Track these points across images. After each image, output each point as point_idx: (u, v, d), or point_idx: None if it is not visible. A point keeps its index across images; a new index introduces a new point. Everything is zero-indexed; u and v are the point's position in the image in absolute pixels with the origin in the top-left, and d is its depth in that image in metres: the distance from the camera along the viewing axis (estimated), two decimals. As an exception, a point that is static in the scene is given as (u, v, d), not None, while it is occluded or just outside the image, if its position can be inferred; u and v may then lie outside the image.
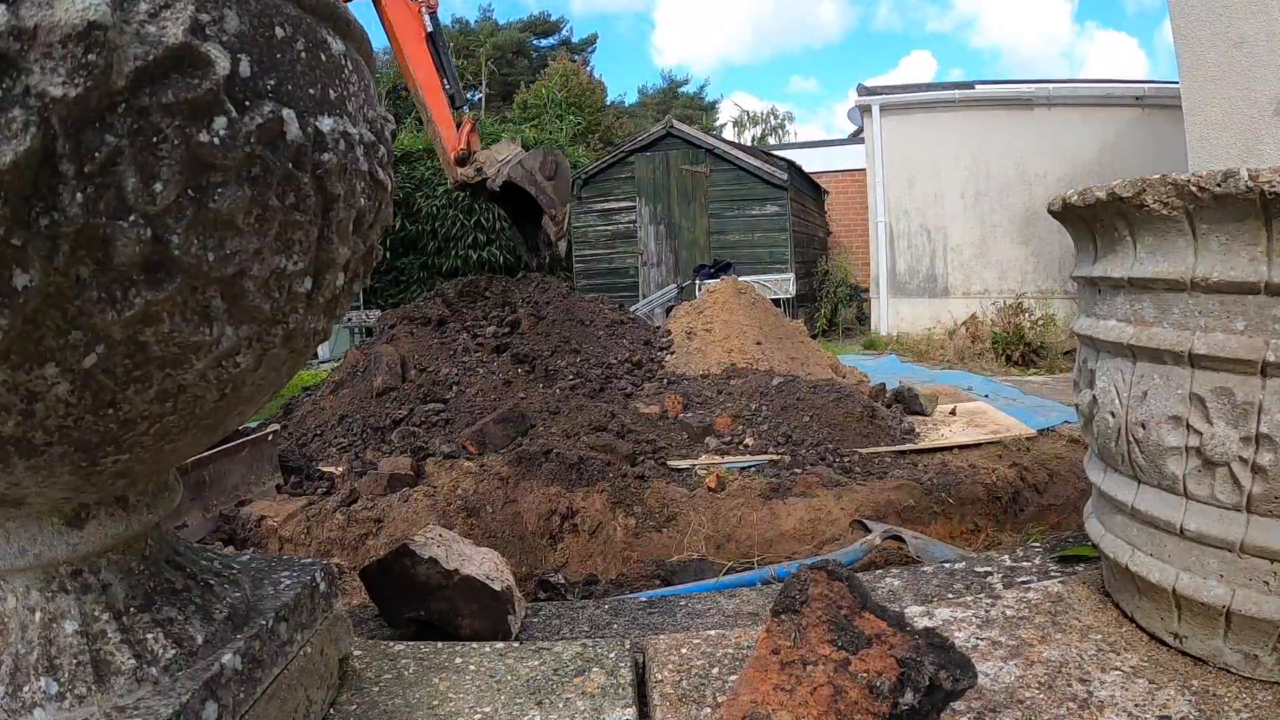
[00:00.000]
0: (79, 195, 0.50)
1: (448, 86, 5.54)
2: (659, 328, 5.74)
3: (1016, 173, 7.98)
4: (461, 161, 5.55)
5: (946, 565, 1.65)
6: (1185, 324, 0.98)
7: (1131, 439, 1.06)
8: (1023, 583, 1.44)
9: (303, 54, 0.64)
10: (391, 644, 1.20)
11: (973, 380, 5.47)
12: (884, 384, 4.62)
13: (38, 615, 0.73)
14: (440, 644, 1.21)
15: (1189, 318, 0.98)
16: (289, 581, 0.98)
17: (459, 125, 5.58)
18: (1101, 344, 1.13)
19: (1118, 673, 1.02)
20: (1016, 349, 6.37)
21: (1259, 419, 0.91)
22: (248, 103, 0.57)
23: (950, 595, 1.46)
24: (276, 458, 3.33)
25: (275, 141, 0.59)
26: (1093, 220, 1.14)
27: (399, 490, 2.95)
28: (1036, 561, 1.57)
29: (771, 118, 26.94)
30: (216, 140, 0.55)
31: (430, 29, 5.45)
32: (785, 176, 9.70)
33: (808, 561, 1.20)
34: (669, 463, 3.29)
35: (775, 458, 3.34)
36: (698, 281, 8.67)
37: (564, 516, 2.83)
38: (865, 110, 8.63)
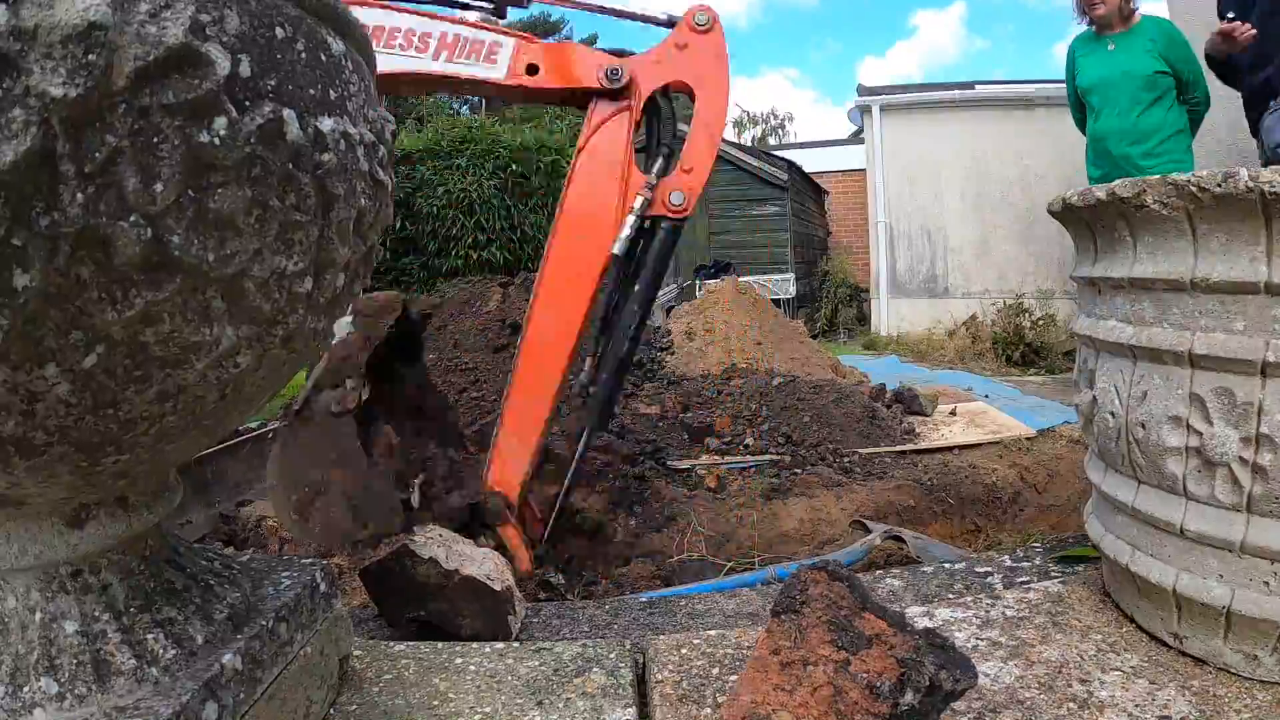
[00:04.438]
0: (79, 195, 0.50)
1: None
2: (659, 328, 5.73)
3: (1016, 173, 7.96)
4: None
5: (946, 565, 1.65)
6: (1185, 324, 0.98)
7: (1131, 439, 1.06)
8: (1023, 583, 1.44)
9: (303, 54, 0.64)
10: (392, 644, 1.20)
11: (973, 380, 5.46)
12: (884, 384, 4.61)
13: (38, 615, 0.73)
14: (440, 644, 1.21)
15: (1189, 318, 0.98)
16: (289, 582, 0.98)
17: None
18: (1101, 344, 1.13)
19: (1118, 673, 1.02)
20: (1016, 349, 6.36)
21: (1259, 419, 0.91)
22: (248, 103, 0.57)
23: (950, 595, 1.46)
24: (276, 458, 3.33)
25: (275, 142, 0.59)
26: (1093, 221, 1.14)
27: (399, 490, 2.95)
28: (1036, 562, 1.57)
29: (772, 117, 27.04)
30: (217, 140, 0.55)
31: None
32: (785, 176, 9.69)
33: (808, 562, 1.19)
34: (669, 463, 3.29)
35: (775, 458, 3.33)
36: (698, 281, 8.67)
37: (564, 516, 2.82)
38: (865, 110, 8.62)
